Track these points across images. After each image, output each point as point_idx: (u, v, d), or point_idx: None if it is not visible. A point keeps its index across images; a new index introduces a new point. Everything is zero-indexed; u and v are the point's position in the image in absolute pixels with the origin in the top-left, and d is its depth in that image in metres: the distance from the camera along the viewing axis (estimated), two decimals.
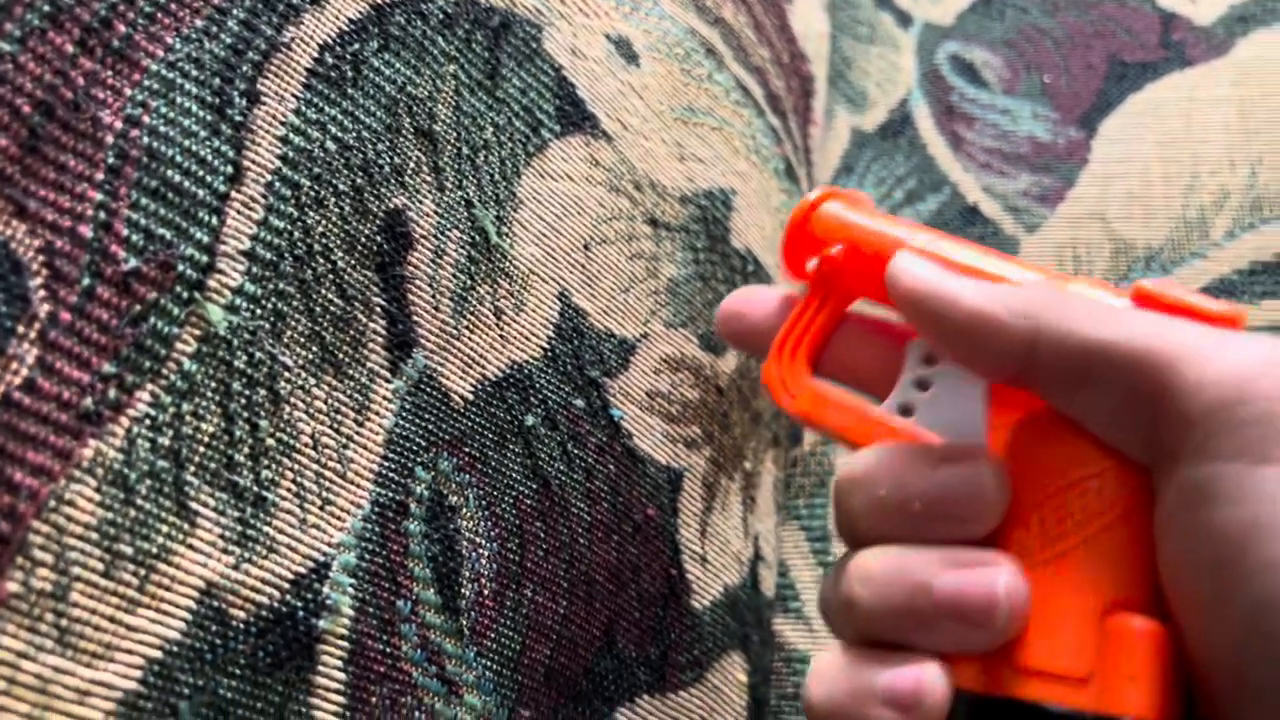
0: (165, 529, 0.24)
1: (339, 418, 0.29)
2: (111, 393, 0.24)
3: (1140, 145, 0.53)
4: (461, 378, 0.32)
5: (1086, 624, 0.25)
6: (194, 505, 0.25)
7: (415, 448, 0.30)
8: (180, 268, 0.26)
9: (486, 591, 0.31)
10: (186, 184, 0.26)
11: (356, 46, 0.30)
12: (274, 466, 0.27)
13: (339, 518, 0.28)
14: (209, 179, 0.27)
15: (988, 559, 0.26)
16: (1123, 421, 0.25)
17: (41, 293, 0.23)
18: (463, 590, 0.31)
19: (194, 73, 0.27)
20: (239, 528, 0.26)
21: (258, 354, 0.27)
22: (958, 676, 0.26)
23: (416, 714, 0.29)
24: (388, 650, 0.28)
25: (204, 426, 0.26)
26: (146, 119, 0.26)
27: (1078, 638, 0.25)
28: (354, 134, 0.30)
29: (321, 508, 0.28)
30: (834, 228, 0.32)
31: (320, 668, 0.27)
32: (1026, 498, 0.27)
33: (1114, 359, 0.24)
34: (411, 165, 0.31)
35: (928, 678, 0.26)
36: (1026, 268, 0.29)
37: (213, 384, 0.26)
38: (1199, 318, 0.26)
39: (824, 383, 0.32)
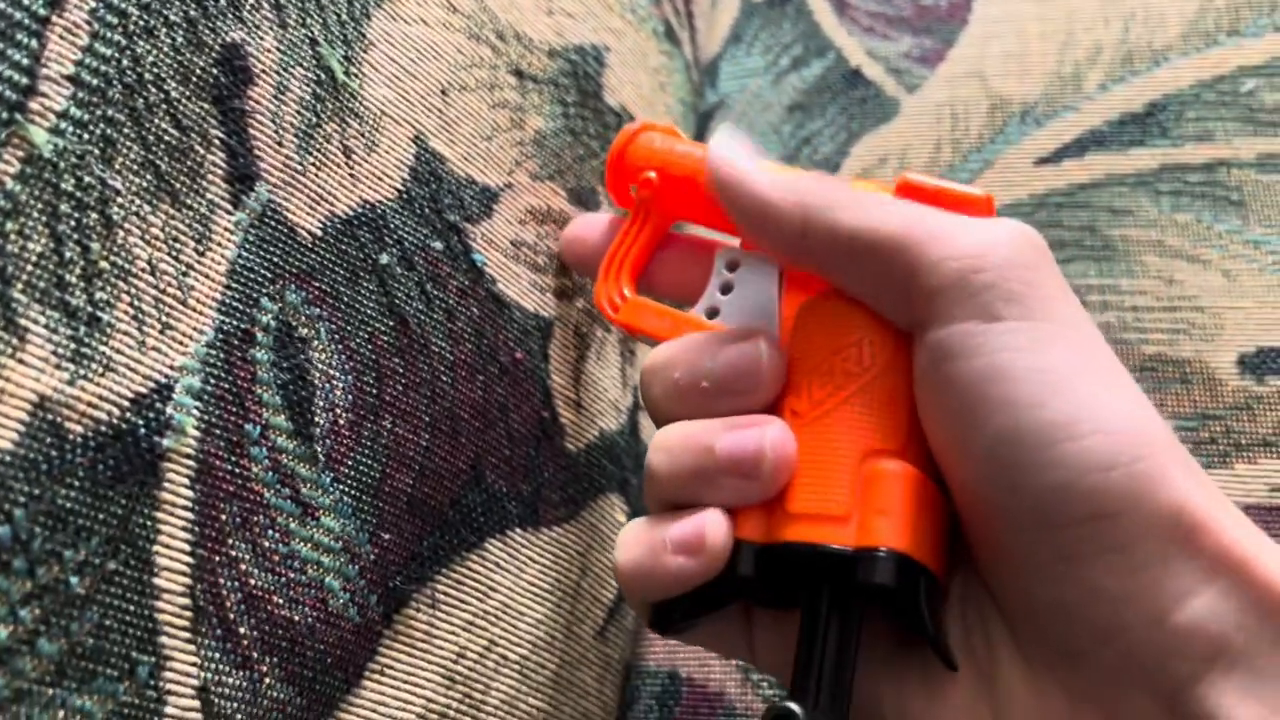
0: None
1: (177, 245, 0.29)
2: None
3: (1019, 4, 0.54)
4: (309, 213, 0.32)
5: (846, 471, 0.28)
6: (22, 321, 0.25)
7: (260, 279, 0.31)
8: None
9: (342, 421, 0.32)
10: (2, 5, 0.26)
11: None
12: (108, 289, 0.27)
13: (180, 342, 0.29)
14: (26, 1, 0.26)
15: (760, 420, 0.29)
16: (883, 295, 0.29)
17: None
18: (316, 419, 0.31)
19: None
20: (73, 345, 0.26)
21: (86, 178, 0.27)
22: (739, 529, 0.29)
23: (270, 532, 0.30)
24: (236, 471, 0.29)
25: (30, 246, 0.26)
26: None
27: (838, 483, 0.28)
28: None
29: (161, 331, 0.28)
30: (649, 155, 0.36)
31: (165, 484, 0.28)
32: (802, 367, 0.30)
33: (872, 243, 0.28)
34: (250, 1, 0.31)
35: (710, 522, 0.29)
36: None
37: (39, 205, 0.26)
38: (952, 202, 0.29)
39: (644, 297, 0.36)
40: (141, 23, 0.29)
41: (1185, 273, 0.45)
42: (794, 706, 0.26)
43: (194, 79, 0.30)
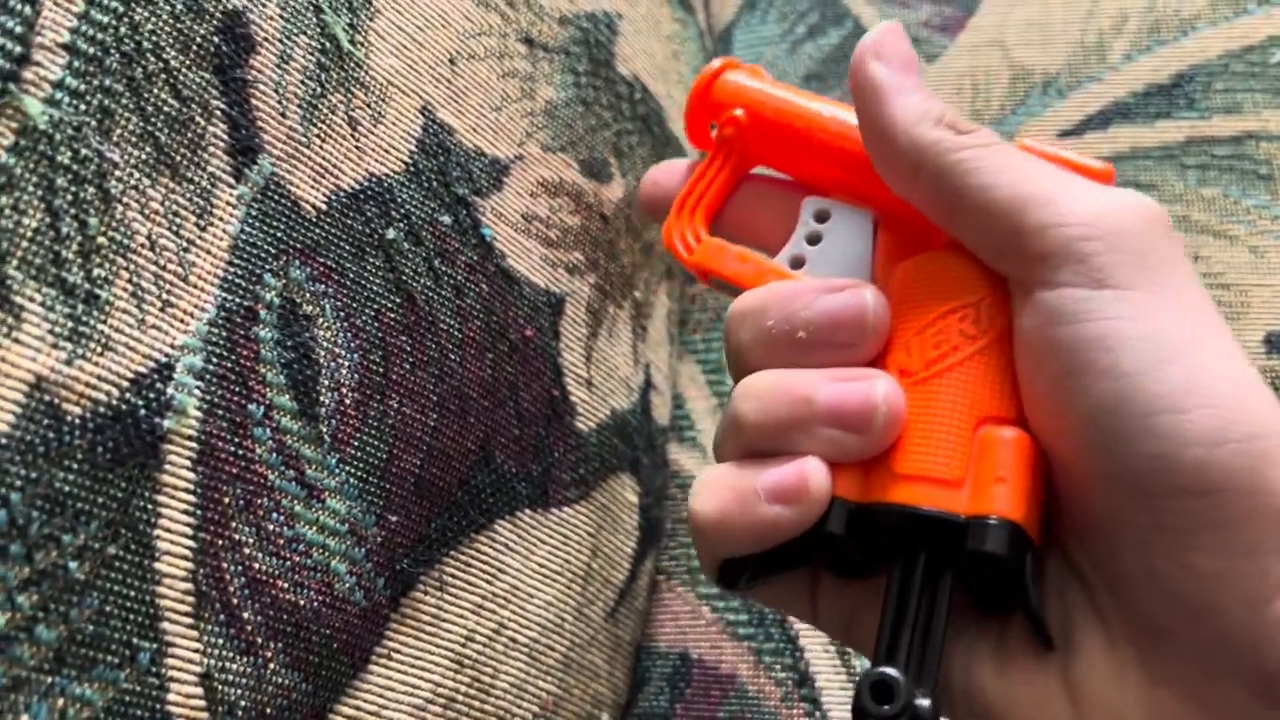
0: None
1: (178, 220, 0.28)
2: None
3: None
4: (313, 187, 0.31)
5: (959, 435, 0.27)
6: (18, 299, 0.25)
7: (264, 255, 0.30)
8: None
9: (348, 400, 0.31)
10: None
11: None
12: (107, 265, 0.26)
13: (182, 320, 0.28)
14: None
15: (868, 374, 0.28)
16: (992, 249, 0.27)
17: None
18: (321, 398, 0.31)
19: None
20: (70, 324, 0.25)
21: (83, 150, 0.26)
22: (837, 486, 0.27)
23: (274, 515, 0.29)
24: (240, 452, 0.28)
25: (26, 221, 0.25)
26: None
27: (950, 447, 0.27)
28: None
29: (162, 309, 0.27)
30: (736, 93, 0.34)
31: (167, 466, 0.27)
32: (909, 325, 0.28)
33: (985, 197, 0.27)
34: None
35: (811, 468, 0.27)
36: None
37: (34, 179, 0.25)
38: (1073, 170, 0.28)
39: (721, 239, 0.33)
40: None
41: (1211, 249, 0.44)
42: (893, 672, 0.25)
43: (194, 47, 0.29)
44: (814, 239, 0.32)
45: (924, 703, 0.25)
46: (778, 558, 0.28)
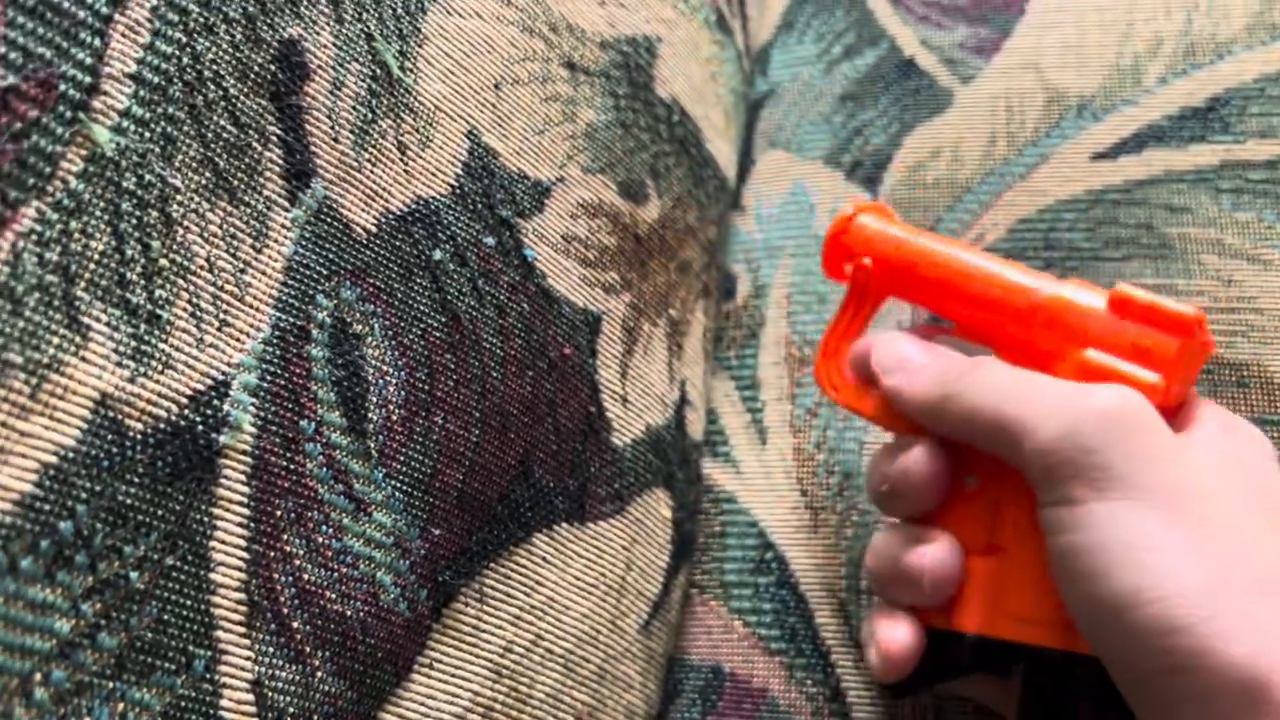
0: (56, 340, 0.25)
1: (235, 243, 0.29)
2: None
3: None
4: (364, 209, 0.32)
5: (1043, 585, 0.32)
6: (85, 320, 0.26)
7: (316, 275, 0.31)
8: (62, 87, 0.26)
9: (395, 417, 0.32)
10: (66, 4, 0.26)
11: None
12: (168, 286, 0.27)
13: (238, 339, 0.29)
14: (90, 0, 0.27)
15: (928, 537, 0.34)
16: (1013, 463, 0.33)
17: None
18: (369, 415, 0.32)
19: None
20: (133, 343, 0.27)
21: (147, 176, 0.27)
22: (948, 619, 0.34)
23: (323, 528, 0.30)
24: (292, 467, 0.29)
25: (93, 244, 0.26)
26: None
27: (1037, 593, 0.33)
28: None
29: (219, 329, 0.28)
30: (865, 241, 0.40)
31: (222, 480, 0.28)
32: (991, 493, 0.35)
33: (984, 427, 0.33)
34: None
35: (899, 627, 0.35)
36: (1020, 270, 0.37)
37: (101, 203, 0.26)
38: (1159, 321, 0.33)
39: (858, 382, 0.39)
40: (201, 19, 0.29)
41: (1245, 273, 0.44)
42: None
43: (252, 75, 0.30)
44: None
45: None
46: (923, 676, 0.35)
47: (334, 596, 0.30)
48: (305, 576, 0.29)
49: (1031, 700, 0.33)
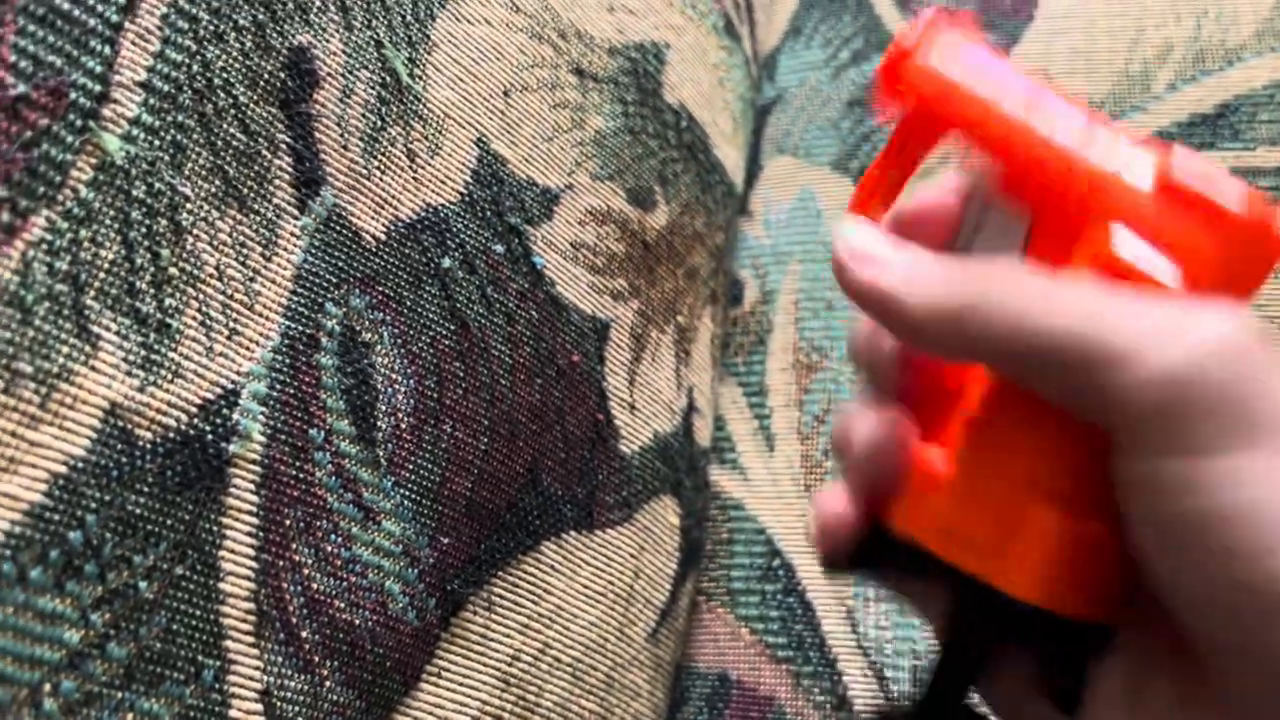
0: (66, 350, 0.25)
1: (245, 251, 0.29)
2: (4, 216, 0.24)
3: (1086, 1, 0.53)
4: (373, 217, 0.32)
5: (1011, 501, 0.26)
6: (95, 329, 0.26)
7: (325, 284, 0.31)
8: (72, 95, 0.26)
9: (404, 425, 0.32)
10: (76, 12, 0.26)
11: None
12: (178, 295, 0.27)
13: (247, 348, 0.29)
14: (100, 8, 0.27)
15: (872, 411, 0.28)
16: (1073, 404, 0.25)
17: None
18: (378, 423, 0.31)
19: None
20: (143, 352, 0.27)
21: (157, 184, 0.27)
22: (883, 509, 0.28)
23: (333, 537, 0.30)
24: (301, 476, 0.29)
25: (103, 253, 0.26)
26: None
27: (1003, 524, 0.26)
28: None
29: (229, 337, 0.28)
30: (920, 81, 0.31)
31: (232, 489, 0.28)
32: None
33: (1048, 350, 0.24)
34: (317, 3, 0.31)
35: (834, 498, 0.29)
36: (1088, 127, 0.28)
37: (111, 212, 0.26)
38: (1217, 222, 0.26)
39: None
40: (211, 27, 0.29)
41: None
42: None
43: (262, 83, 0.30)
44: (979, 225, 0.30)
45: None
46: (851, 559, 0.29)
47: (343, 606, 0.30)
48: (314, 586, 0.29)
49: (963, 632, 0.28)
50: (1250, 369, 0.23)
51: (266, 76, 0.30)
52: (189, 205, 0.28)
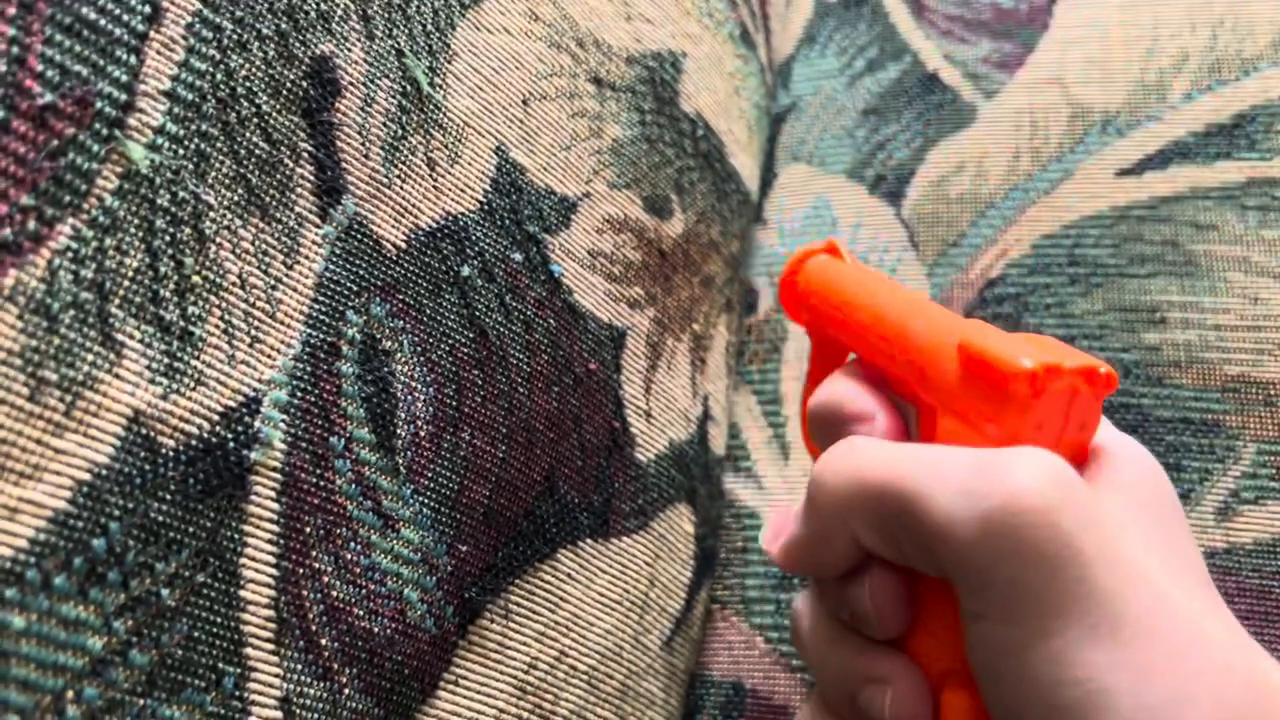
0: (90, 358, 0.25)
1: (267, 259, 0.29)
2: (31, 224, 0.25)
3: (1102, 10, 0.53)
4: (393, 226, 0.32)
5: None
6: (119, 336, 0.26)
7: (346, 292, 0.31)
8: (98, 105, 0.26)
9: (423, 433, 0.32)
10: (103, 22, 0.26)
11: None
12: (200, 303, 0.28)
13: (269, 356, 0.29)
14: (126, 18, 0.27)
15: (886, 666, 0.28)
16: (915, 558, 0.27)
17: None
18: (398, 431, 0.32)
19: None
20: (166, 360, 0.27)
21: (181, 193, 0.27)
22: None
23: (352, 544, 0.30)
24: (321, 484, 0.29)
25: (128, 261, 0.26)
26: None
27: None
28: None
29: (251, 345, 0.28)
30: (808, 289, 0.36)
31: (253, 497, 0.28)
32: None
33: (872, 500, 0.27)
34: (339, 12, 0.31)
35: None
36: (936, 316, 0.31)
37: (136, 220, 0.26)
38: (997, 383, 0.27)
39: None
40: (235, 37, 0.29)
41: (1271, 291, 0.44)
42: None
43: (284, 92, 0.30)
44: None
45: None
46: None
47: (362, 613, 0.30)
48: (334, 593, 0.29)
49: None
50: (1060, 520, 0.24)
51: (289, 85, 0.30)
52: (212, 214, 0.28)
